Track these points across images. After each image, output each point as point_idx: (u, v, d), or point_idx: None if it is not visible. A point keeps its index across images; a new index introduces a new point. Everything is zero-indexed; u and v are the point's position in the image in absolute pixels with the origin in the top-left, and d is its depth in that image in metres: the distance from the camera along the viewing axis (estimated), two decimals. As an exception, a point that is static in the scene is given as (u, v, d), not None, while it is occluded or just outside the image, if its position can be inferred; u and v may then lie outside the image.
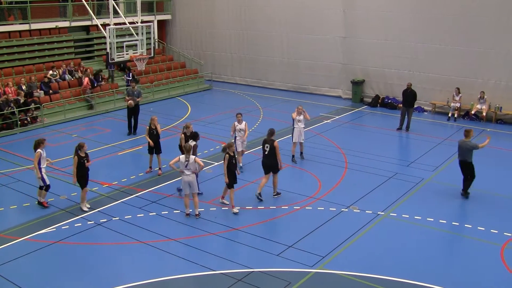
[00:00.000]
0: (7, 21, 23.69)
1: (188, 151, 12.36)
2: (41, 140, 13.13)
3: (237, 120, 15.55)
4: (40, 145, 12.97)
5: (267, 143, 13.54)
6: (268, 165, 13.63)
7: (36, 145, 12.98)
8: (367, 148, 18.01)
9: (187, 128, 14.44)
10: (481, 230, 12.24)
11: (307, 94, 26.91)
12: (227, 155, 12.75)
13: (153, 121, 15.40)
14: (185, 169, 12.33)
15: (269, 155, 13.47)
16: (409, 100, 20.39)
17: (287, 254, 11.07)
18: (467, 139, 13.81)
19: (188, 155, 12.32)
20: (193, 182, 12.42)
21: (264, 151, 13.61)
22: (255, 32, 28.56)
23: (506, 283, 10.11)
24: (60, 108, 21.95)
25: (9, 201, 13.78)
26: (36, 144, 12.99)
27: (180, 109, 23.75)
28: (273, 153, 13.36)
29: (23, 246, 11.38)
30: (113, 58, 20.43)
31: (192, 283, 10.16)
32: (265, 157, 13.64)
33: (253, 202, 13.51)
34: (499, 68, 21.67)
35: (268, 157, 13.52)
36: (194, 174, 12.42)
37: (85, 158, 12.98)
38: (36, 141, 13.07)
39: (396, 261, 10.87)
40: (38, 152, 12.88)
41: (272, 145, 13.39)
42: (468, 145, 13.68)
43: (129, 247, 11.42)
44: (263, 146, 13.70)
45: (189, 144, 12.67)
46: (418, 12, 23.17)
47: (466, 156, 13.75)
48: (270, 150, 13.42)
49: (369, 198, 13.98)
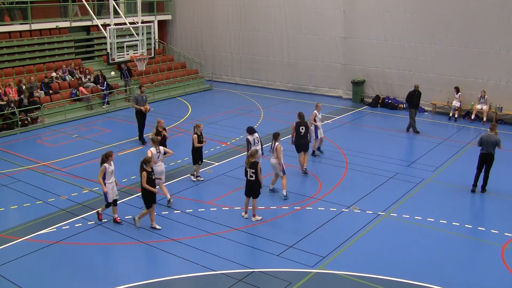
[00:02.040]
0: (7, 21, 23.68)
1: (156, 143, 13.32)
2: (109, 153, 12.14)
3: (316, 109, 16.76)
4: (107, 159, 12.03)
5: (302, 125, 15.36)
6: (304, 143, 15.42)
7: (103, 159, 12.04)
8: (368, 148, 18.01)
9: (198, 128, 14.83)
10: (482, 230, 12.24)
11: (307, 94, 26.91)
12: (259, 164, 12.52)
13: (159, 123, 15.16)
14: (158, 160, 13.16)
15: (304, 136, 15.37)
16: (418, 102, 20.30)
17: (288, 254, 11.07)
18: (492, 132, 14.09)
19: (158, 147, 13.22)
20: (164, 171, 13.42)
21: (300, 133, 15.31)
22: (255, 32, 28.56)
23: (506, 284, 10.11)
24: (61, 108, 21.96)
25: (9, 201, 13.79)
26: (103, 158, 12.05)
27: (181, 109, 23.76)
28: (307, 133, 15.51)
29: (23, 246, 11.39)
30: (113, 58, 20.44)
31: (192, 283, 10.16)
32: (301, 138, 15.34)
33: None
34: (499, 68, 21.66)
35: (304, 137, 15.37)
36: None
37: (152, 173, 12.09)
38: (103, 155, 12.10)
39: (396, 261, 10.87)
40: (103, 167, 11.97)
41: (306, 126, 15.50)
42: (494, 138, 14.00)
43: (129, 247, 11.42)
44: (298, 128, 15.33)
45: (156, 137, 13.72)
46: (418, 12, 23.18)
47: (491, 149, 14.03)
48: (305, 131, 15.38)
49: (369, 198, 13.99)
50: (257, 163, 12.33)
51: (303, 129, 15.35)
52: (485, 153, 14.10)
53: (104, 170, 11.97)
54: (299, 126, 15.36)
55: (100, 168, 12.01)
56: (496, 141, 13.99)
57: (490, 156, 14.08)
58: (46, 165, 16.38)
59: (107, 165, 12.01)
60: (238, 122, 21.33)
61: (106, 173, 11.99)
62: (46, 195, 14.05)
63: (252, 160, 12.31)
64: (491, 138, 13.99)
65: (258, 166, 12.29)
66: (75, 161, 16.77)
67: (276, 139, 13.68)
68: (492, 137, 14.00)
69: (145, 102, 18.48)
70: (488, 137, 14.01)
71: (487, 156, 14.09)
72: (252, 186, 12.45)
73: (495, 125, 14.35)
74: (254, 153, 12.44)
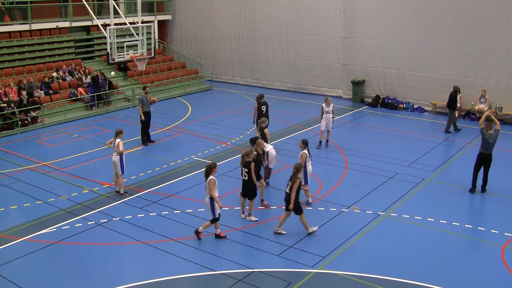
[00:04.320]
0: (7, 21, 23.69)
1: (117, 134, 13.83)
2: (213, 165, 11.47)
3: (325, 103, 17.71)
4: (211, 171, 11.35)
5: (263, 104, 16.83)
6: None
7: (207, 171, 11.36)
8: (368, 148, 18.02)
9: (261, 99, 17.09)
10: (482, 230, 12.24)
11: (307, 94, 26.91)
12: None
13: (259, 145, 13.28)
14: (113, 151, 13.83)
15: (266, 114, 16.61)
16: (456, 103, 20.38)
17: (288, 254, 11.07)
18: (490, 131, 13.97)
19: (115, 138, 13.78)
20: (117, 162, 13.71)
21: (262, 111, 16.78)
22: (255, 32, 28.56)
23: (506, 284, 10.11)
24: (61, 108, 21.96)
25: (9, 201, 13.78)
26: (208, 170, 11.36)
27: (181, 109, 23.76)
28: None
29: (23, 246, 11.38)
30: (113, 58, 20.44)
31: (192, 283, 10.16)
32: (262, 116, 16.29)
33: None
34: (499, 68, 21.67)
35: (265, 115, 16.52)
36: (118, 155, 13.71)
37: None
38: (207, 167, 11.40)
39: (396, 261, 10.87)
40: (214, 180, 11.25)
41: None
42: (494, 138, 13.92)
43: (129, 247, 11.42)
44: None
45: (119, 129, 14.09)
46: (418, 12, 23.18)
47: (491, 149, 14.03)
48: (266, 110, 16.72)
49: (369, 198, 13.99)
50: (250, 163, 12.19)
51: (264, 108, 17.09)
52: (484, 153, 14.07)
53: (215, 183, 11.26)
54: (260, 106, 16.99)
55: (210, 181, 11.20)
56: (496, 138, 13.94)
57: (489, 156, 14.06)
58: (46, 165, 16.38)
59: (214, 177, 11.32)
60: (238, 122, 21.33)
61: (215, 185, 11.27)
62: (46, 195, 14.05)
63: (247, 160, 12.24)
64: (492, 138, 13.95)
65: (251, 165, 12.17)
66: (75, 161, 16.76)
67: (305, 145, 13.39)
68: (492, 137, 13.95)
69: (149, 102, 18.44)
70: (489, 137, 13.95)
71: (486, 157, 14.06)
72: (246, 186, 12.41)
73: (491, 124, 14.20)
74: (249, 152, 12.36)
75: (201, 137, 19.33)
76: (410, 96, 24.18)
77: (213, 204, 11.32)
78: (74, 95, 22.80)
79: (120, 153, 13.74)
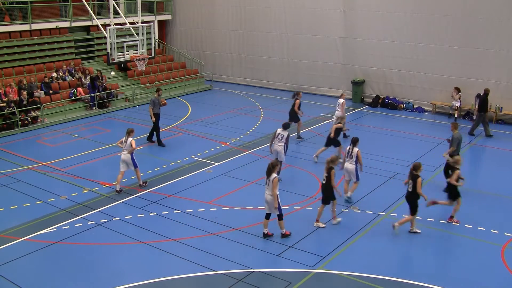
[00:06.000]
0: (7, 21, 23.69)
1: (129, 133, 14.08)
2: (276, 162, 11.55)
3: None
4: (274, 169, 11.27)
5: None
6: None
7: (270, 169, 11.25)
8: (368, 148, 17.96)
9: (298, 95, 18.52)
10: (482, 230, 12.23)
11: (307, 94, 26.85)
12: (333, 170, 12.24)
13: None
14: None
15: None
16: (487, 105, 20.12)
17: (288, 254, 11.07)
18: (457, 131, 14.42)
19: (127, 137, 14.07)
20: (128, 160, 14.10)
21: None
22: (255, 32, 28.56)
23: (506, 284, 10.11)
24: (61, 108, 21.96)
25: (9, 201, 13.77)
26: (270, 168, 11.26)
27: (181, 109, 23.75)
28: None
29: (23, 246, 11.38)
30: (113, 58, 20.44)
31: (192, 283, 10.16)
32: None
33: (253, 202, 13.50)
34: (499, 68, 21.67)
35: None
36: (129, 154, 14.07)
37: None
38: (270, 164, 11.31)
39: (396, 261, 10.87)
40: (277, 178, 11.24)
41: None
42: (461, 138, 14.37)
43: (129, 247, 11.42)
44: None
45: (131, 128, 14.32)
46: (418, 12, 23.18)
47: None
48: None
49: (369, 198, 13.98)
50: (332, 169, 12.09)
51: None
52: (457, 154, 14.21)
53: (278, 181, 11.22)
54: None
55: (274, 179, 11.15)
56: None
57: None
58: (46, 165, 16.38)
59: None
60: (238, 122, 21.34)
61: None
62: (46, 195, 14.04)
63: (330, 165, 12.14)
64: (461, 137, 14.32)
65: (331, 172, 12.12)
66: (75, 161, 16.76)
67: (355, 144, 13.61)
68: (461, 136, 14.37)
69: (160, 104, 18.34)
70: (460, 137, 14.29)
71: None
72: (323, 190, 12.44)
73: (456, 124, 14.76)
74: (334, 159, 12.29)
75: (201, 137, 19.33)
76: (410, 96, 24.18)
77: (277, 201, 11.33)
78: (74, 95, 22.80)
79: (131, 151, 14.06)
